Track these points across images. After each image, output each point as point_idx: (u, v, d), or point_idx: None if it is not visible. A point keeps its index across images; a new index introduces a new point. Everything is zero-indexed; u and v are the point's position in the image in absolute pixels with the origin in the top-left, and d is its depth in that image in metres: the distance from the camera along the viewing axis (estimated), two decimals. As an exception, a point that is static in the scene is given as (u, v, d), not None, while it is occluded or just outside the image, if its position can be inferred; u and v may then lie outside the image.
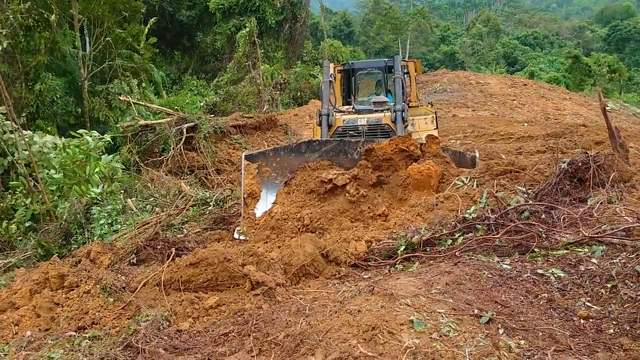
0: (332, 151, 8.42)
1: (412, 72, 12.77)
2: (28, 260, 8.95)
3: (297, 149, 8.61)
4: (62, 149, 11.71)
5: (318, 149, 8.44)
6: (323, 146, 8.44)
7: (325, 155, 8.42)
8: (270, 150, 8.95)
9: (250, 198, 8.24)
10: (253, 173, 8.37)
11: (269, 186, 8.47)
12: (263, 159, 8.61)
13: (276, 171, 8.58)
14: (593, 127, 17.25)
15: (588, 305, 4.17)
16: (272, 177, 8.55)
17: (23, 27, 17.03)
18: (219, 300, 5.17)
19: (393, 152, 8.08)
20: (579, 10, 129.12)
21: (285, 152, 8.66)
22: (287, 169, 8.54)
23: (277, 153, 8.68)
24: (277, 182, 8.50)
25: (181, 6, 37.05)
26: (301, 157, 8.50)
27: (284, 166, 8.57)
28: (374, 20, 67.50)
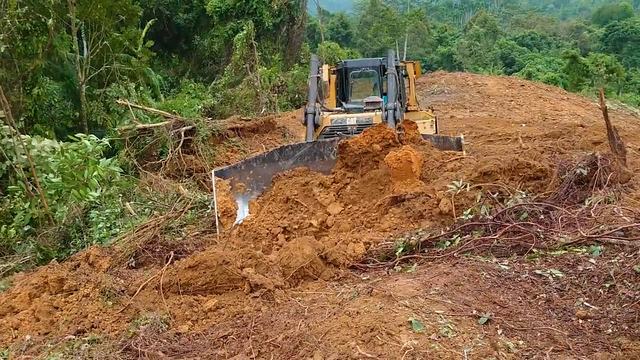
0: (306, 155, 8.08)
1: (411, 74, 12.45)
2: (27, 264, 8.96)
3: (270, 157, 8.26)
4: (61, 153, 11.71)
5: (292, 154, 8.10)
6: (296, 151, 8.11)
7: (300, 160, 8.07)
8: (242, 163, 8.57)
9: (225, 217, 7.92)
10: (226, 190, 8.05)
11: (246, 201, 8.08)
12: (235, 174, 8.27)
13: (251, 185, 8.23)
14: (591, 128, 17.27)
15: (586, 305, 4.18)
16: (248, 191, 8.18)
17: (20, 32, 17.03)
18: (218, 303, 5.18)
19: (369, 145, 7.72)
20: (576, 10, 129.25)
21: (257, 163, 8.30)
22: (262, 181, 8.20)
23: (249, 165, 8.33)
24: (253, 197, 8.14)
25: (178, 9, 37.07)
26: (275, 166, 8.16)
27: (259, 178, 8.22)
28: (372, 22, 67.56)
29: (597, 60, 44.42)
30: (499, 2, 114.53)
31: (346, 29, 70.19)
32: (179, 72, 38.87)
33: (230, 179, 8.18)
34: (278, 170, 8.11)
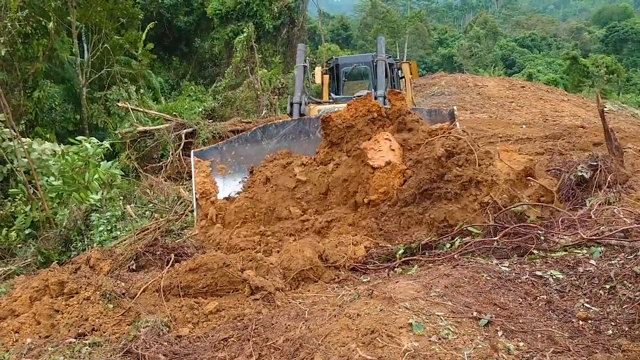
0: (291, 133, 7.68)
1: (407, 74, 12.20)
2: (28, 267, 8.95)
3: (253, 137, 7.86)
4: (61, 156, 11.72)
5: (275, 133, 7.71)
6: (280, 129, 7.73)
7: (284, 139, 7.66)
8: (224, 143, 8.24)
9: (204, 198, 7.66)
10: (206, 171, 7.78)
11: (227, 184, 7.79)
12: (216, 155, 7.96)
13: (233, 167, 7.92)
14: (591, 129, 17.26)
15: (587, 307, 4.18)
16: (229, 173, 7.88)
17: (21, 35, 17.07)
18: (219, 305, 5.18)
19: (354, 118, 7.32)
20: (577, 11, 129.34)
21: (240, 143, 7.93)
22: (244, 162, 7.84)
23: (231, 146, 8.00)
24: (236, 179, 7.81)
25: (179, 12, 37.10)
26: (258, 146, 7.79)
27: (241, 160, 7.87)
28: (372, 24, 67.51)
29: (598, 61, 44.42)
30: (499, 3, 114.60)
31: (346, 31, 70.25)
32: (179, 74, 38.87)
33: (211, 160, 7.90)
34: (261, 151, 7.75)
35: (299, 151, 7.59)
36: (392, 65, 11.30)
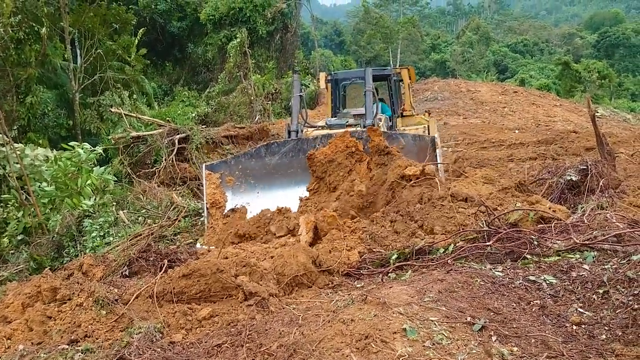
0: (291, 151, 8.38)
1: (406, 79, 12.62)
2: (20, 273, 8.91)
3: (257, 153, 8.61)
4: (54, 162, 11.68)
5: (277, 150, 8.42)
6: (282, 147, 8.44)
7: (285, 156, 8.38)
8: (232, 158, 8.98)
9: (214, 208, 8.30)
10: (215, 183, 8.45)
11: (235, 194, 8.50)
12: (225, 168, 8.64)
13: (240, 179, 8.61)
14: (584, 134, 17.38)
15: (580, 311, 4.19)
16: (237, 185, 8.60)
17: (14, 40, 17.02)
18: (212, 311, 5.16)
19: (334, 153, 7.97)
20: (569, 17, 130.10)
21: (246, 159, 8.67)
22: (250, 175, 8.58)
23: (238, 160, 8.71)
24: (241, 191, 8.53)
25: (172, 17, 37.12)
26: (262, 161, 8.51)
27: (247, 173, 8.59)
28: (365, 30, 67.70)
29: (590, 66, 44.72)
30: (492, 9, 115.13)
31: (339, 36, 70.52)
32: (172, 80, 38.86)
33: (220, 173, 8.54)
34: (265, 166, 8.44)
35: (297, 166, 8.30)
36: (390, 76, 11.82)
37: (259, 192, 8.52)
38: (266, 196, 8.36)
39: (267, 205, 8.02)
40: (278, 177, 8.38)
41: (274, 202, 8.00)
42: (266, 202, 8.13)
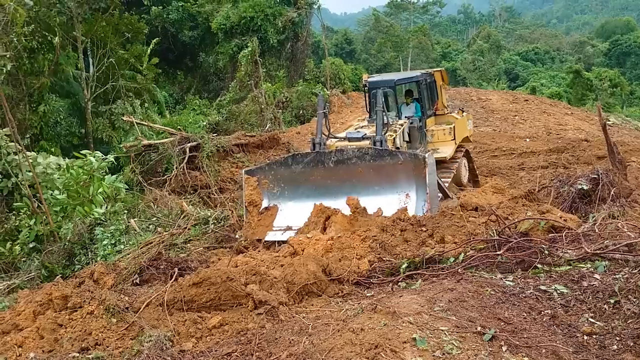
0: (312, 162, 9.51)
1: (439, 81, 13.59)
2: (32, 281, 8.95)
3: (285, 162, 9.89)
4: (66, 170, 11.75)
5: (301, 160, 9.64)
6: (304, 158, 9.65)
7: (307, 165, 9.54)
8: (266, 165, 10.34)
9: (251, 206, 9.61)
10: (253, 185, 9.76)
11: (269, 195, 9.82)
12: (261, 173, 9.93)
13: (272, 182, 9.88)
14: (595, 142, 17.28)
15: (591, 321, 4.17)
16: (270, 187, 9.84)
17: (27, 50, 17.18)
18: (222, 319, 5.17)
19: None
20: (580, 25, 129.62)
21: (277, 166, 9.93)
22: (280, 180, 9.81)
23: (271, 167, 10.01)
24: (275, 192, 9.81)
25: (184, 27, 37.34)
26: (289, 169, 9.75)
27: (277, 177, 9.82)
28: (375, 38, 67.79)
29: (601, 74, 44.47)
30: (502, 17, 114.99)
31: (350, 45, 70.45)
32: (184, 88, 39.07)
33: (257, 177, 9.87)
34: (292, 173, 9.69)
35: (317, 174, 9.48)
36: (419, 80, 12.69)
37: (287, 193, 9.79)
38: (293, 197, 9.66)
39: (293, 205, 9.47)
40: (302, 182, 9.59)
41: (299, 203, 9.41)
42: (292, 203, 9.56)
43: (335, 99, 32.67)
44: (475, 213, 6.99)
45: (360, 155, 9.00)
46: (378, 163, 8.88)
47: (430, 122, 12.90)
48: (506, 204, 7.13)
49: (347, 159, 9.11)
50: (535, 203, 7.05)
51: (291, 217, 9.23)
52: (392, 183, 8.66)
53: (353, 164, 9.05)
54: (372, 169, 8.92)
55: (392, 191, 8.61)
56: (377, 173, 8.89)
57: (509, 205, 7.08)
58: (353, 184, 9.01)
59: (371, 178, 8.88)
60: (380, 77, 13.52)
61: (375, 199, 8.64)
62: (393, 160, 8.77)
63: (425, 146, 12.19)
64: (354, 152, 9.10)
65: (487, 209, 6.83)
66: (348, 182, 9.08)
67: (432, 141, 12.48)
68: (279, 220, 9.36)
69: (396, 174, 8.70)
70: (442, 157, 11.93)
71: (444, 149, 12.32)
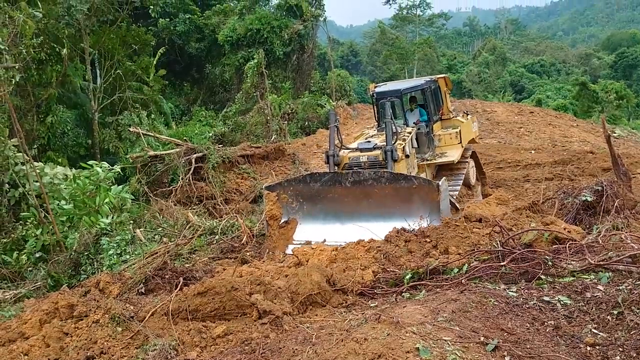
0: (329, 181, 9.77)
1: (443, 87, 13.83)
2: (38, 290, 9.00)
3: (304, 180, 10.11)
4: (73, 180, 11.84)
5: (319, 179, 9.88)
6: (322, 177, 9.90)
7: (324, 184, 9.78)
8: (285, 181, 10.57)
9: (272, 220, 9.83)
10: (273, 200, 10.01)
11: (288, 210, 10.10)
12: (280, 188, 10.16)
13: (291, 198, 10.13)
14: (601, 154, 17.26)
15: (594, 332, 4.17)
16: (289, 202, 10.08)
17: (36, 61, 17.31)
18: (227, 329, 5.19)
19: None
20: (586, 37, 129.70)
21: (296, 183, 10.18)
22: (299, 196, 10.07)
23: (290, 183, 10.24)
24: (293, 206, 10.07)
25: (190, 39, 37.58)
26: (308, 186, 9.96)
27: (296, 194, 10.07)
28: (381, 50, 67.97)
29: (607, 87, 44.44)
30: (508, 30, 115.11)
31: (356, 57, 70.80)
32: (190, 100, 39.25)
33: (277, 192, 10.10)
34: (310, 190, 9.95)
35: (335, 192, 9.71)
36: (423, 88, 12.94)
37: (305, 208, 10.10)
38: (311, 212, 9.94)
39: (312, 220, 9.80)
40: (320, 199, 9.85)
41: (317, 219, 9.77)
42: (311, 218, 9.87)
43: (340, 110, 32.79)
44: (479, 224, 7.00)
45: (377, 177, 9.25)
46: (393, 186, 9.12)
47: (437, 127, 13.15)
48: (510, 216, 7.15)
49: (363, 180, 9.36)
50: (539, 214, 7.07)
51: (310, 232, 9.52)
52: (406, 205, 8.83)
53: (369, 186, 9.31)
54: (388, 191, 9.14)
55: (406, 213, 8.71)
56: (392, 195, 9.10)
57: (513, 216, 7.09)
58: (369, 203, 9.27)
59: (386, 200, 9.09)
60: (387, 87, 13.63)
61: (390, 220, 8.74)
62: (408, 184, 9.01)
63: (433, 150, 12.49)
64: (370, 175, 9.35)
65: (491, 220, 6.85)
66: (364, 202, 9.35)
67: (439, 145, 12.74)
68: (298, 234, 9.67)
69: (411, 197, 8.92)
70: (450, 161, 12.22)
71: (452, 152, 12.52)
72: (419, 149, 12.12)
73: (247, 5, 37.68)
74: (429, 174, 12.07)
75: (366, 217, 9.11)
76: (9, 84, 10.85)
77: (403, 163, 10.76)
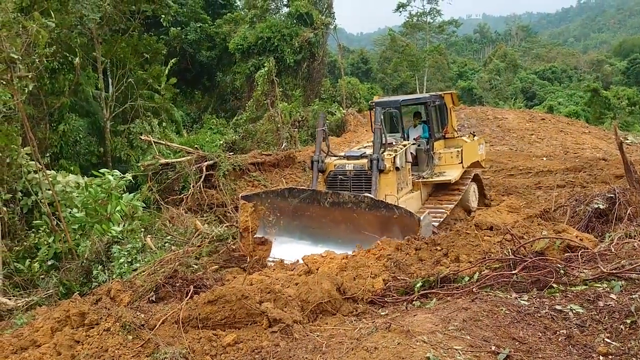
0: (308, 199, 9.46)
1: (449, 104, 13.24)
2: (50, 298, 9.04)
3: (282, 194, 9.81)
4: (85, 188, 11.91)
5: (297, 195, 9.56)
6: (301, 194, 9.58)
7: (303, 201, 9.47)
8: (263, 192, 10.31)
9: (246, 232, 9.43)
10: (248, 211, 9.56)
11: (264, 223, 9.75)
12: (258, 199, 9.78)
13: (269, 210, 9.80)
14: (613, 161, 17.16)
15: (607, 342, 4.13)
16: (266, 214, 9.74)
17: (48, 70, 17.49)
18: (237, 337, 5.19)
19: None
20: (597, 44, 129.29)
21: (273, 196, 9.86)
22: (276, 209, 9.76)
23: (267, 195, 9.94)
24: (270, 219, 9.75)
25: (201, 47, 37.84)
26: (285, 201, 9.67)
27: (274, 207, 9.75)
28: (391, 58, 67.99)
29: (619, 93, 44.25)
30: (519, 36, 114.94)
31: (366, 64, 70.81)
32: (201, 108, 39.47)
33: (254, 203, 9.68)
34: (287, 205, 9.62)
35: (313, 211, 9.43)
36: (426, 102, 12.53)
37: (282, 223, 9.71)
38: (287, 229, 9.60)
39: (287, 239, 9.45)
40: (297, 216, 9.54)
41: (292, 238, 9.46)
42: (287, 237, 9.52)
43: (351, 117, 32.82)
44: (490, 232, 6.97)
45: (357, 202, 8.90)
46: (373, 213, 8.77)
47: (439, 146, 12.69)
48: (521, 223, 7.11)
49: (342, 202, 9.03)
50: (550, 222, 7.03)
51: (284, 249, 9.14)
52: (385, 235, 8.33)
53: (349, 209, 8.96)
54: (367, 218, 8.78)
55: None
56: (372, 222, 8.74)
57: (524, 224, 7.06)
58: (347, 228, 8.92)
59: (365, 226, 8.69)
60: (389, 98, 13.53)
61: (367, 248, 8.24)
62: (389, 213, 8.64)
63: (432, 169, 12.09)
64: (349, 198, 9.01)
65: (502, 228, 6.81)
66: (342, 225, 9.02)
67: (439, 164, 12.30)
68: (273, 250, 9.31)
69: (391, 227, 8.55)
70: (446, 180, 11.78)
71: (451, 172, 12.11)
72: (418, 167, 11.81)
73: (258, 13, 37.93)
74: (424, 193, 11.78)
75: (343, 243, 8.73)
76: (22, 92, 10.95)
77: (392, 176, 10.41)
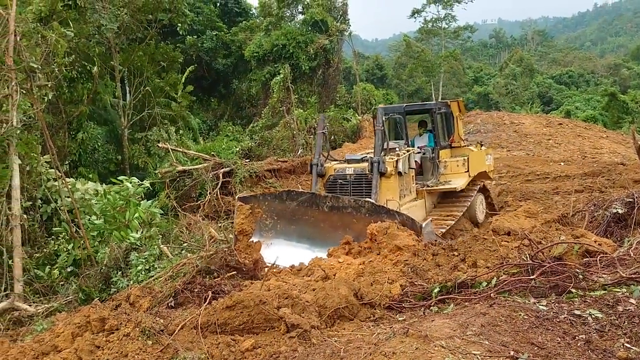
0: (306, 202, 9.38)
1: (456, 112, 13.01)
2: (69, 304, 9.13)
3: (280, 196, 9.76)
4: (103, 196, 12.03)
5: (295, 198, 9.49)
6: (299, 197, 9.51)
7: (301, 204, 9.38)
8: (260, 195, 10.26)
9: (242, 235, 9.35)
10: (245, 213, 9.49)
11: (261, 226, 9.65)
12: (255, 202, 9.74)
13: (266, 213, 9.73)
14: (632, 166, 17.01)
15: (627, 347, 4.10)
16: (263, 217, 9.66)
17: (67, 79, 17.71)
18: (255, 342, 5.21)
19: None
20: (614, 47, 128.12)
21: (271, 198, 9.80)
22: (273, 212, 9.66)
23: (265, 198, 9.89)
24: (267, 223, 9.64)
25: (217, 55, 38.11)
26: (283, 204, 9.59)
27: (271, 209, 9.67)
28: (407, 64, 67.97)
29: (637, 97, 43.82)
30: (535, 41, 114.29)
31: (381, 70, 70.75)
32: (217, 115, 39.71)
33: (251, 205, 9.63)
34: (285, 208, 9.55)
35: (312, 215, 9.28)
36: (432, 110, 12.45)
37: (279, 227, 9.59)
38: (284, 233, 9.51)
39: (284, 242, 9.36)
40: (295, 220, 9.41)
41: (289, 241, 9.36)
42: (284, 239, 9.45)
43: (366, 124, 32.83)
44: (508, 237, 6.94)
45: (356, 206, 8.73)
46: (374, 219, 8.41)
47: (445, 154, 12.47)
48: (539, 228, 7.07)
49: (342, 207, 8.88)
50: (569, 227, 6.99)
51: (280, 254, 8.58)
52: None
53: (348, 214, 8.79)
54: (367, 223, 8.35)
55: None
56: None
57: (542, 229, 7.02)
58: (346, 234, 8.53)
59: (365, 231, 8.27)
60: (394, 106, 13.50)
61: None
62: (390, 220, 8.30)
63: (437, 178, 11.93)
64: (349, 202, 8.86)
65: (519, 233, 6.79)
66: (341, 231, 8.67)
67: (444, 173, 12.12)
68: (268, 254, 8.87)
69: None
70: (451, 189, 11.63)
71: (456, 180, 11.94)
72: (423, 176, 11.68)
73: (273, 21, 38.13)
74: (429, 202, 11.61)
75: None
76: (41, 101, 11.10)
77: (394, 181, 10.22)
